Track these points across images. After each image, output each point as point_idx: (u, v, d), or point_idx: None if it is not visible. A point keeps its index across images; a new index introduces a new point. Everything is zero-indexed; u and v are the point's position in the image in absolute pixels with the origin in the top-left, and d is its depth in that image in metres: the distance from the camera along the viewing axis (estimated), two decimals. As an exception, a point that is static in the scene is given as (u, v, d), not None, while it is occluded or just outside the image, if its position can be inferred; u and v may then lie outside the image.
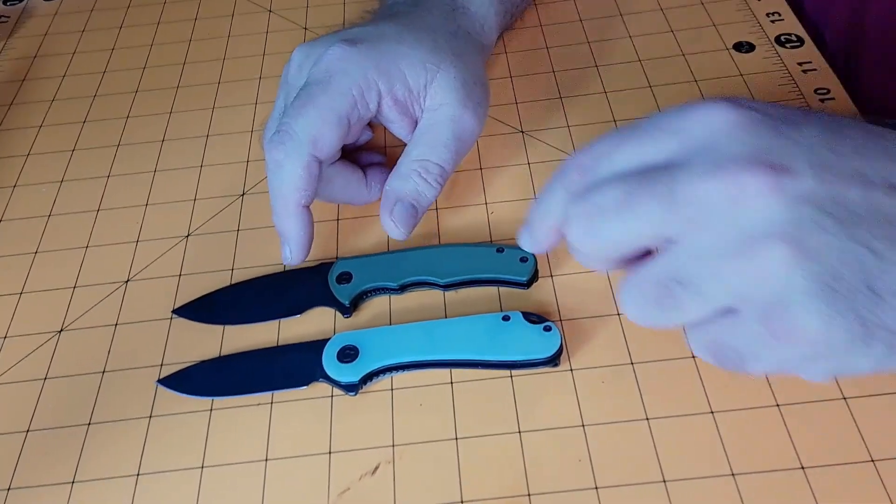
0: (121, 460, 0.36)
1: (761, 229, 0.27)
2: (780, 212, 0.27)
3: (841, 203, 0.27)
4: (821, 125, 0.30)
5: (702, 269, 0.28)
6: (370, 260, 0.41)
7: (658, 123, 0.31)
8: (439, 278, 0.40)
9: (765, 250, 0.27)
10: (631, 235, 0.30)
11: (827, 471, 0.33)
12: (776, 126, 0.29)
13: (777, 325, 0.27)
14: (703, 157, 0.29)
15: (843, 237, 0.27)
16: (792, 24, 0.53)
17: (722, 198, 0.27)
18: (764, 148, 0.28)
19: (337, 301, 0.40)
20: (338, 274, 0.40)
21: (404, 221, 0.41)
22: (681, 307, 0.29)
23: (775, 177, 0.27)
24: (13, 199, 0.48)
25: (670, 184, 0.28)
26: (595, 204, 0.30)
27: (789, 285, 0.27)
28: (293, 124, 0.38)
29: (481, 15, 0.47)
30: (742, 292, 0.28)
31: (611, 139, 0.32)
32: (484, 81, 0.44)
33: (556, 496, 0.33)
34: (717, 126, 0.29)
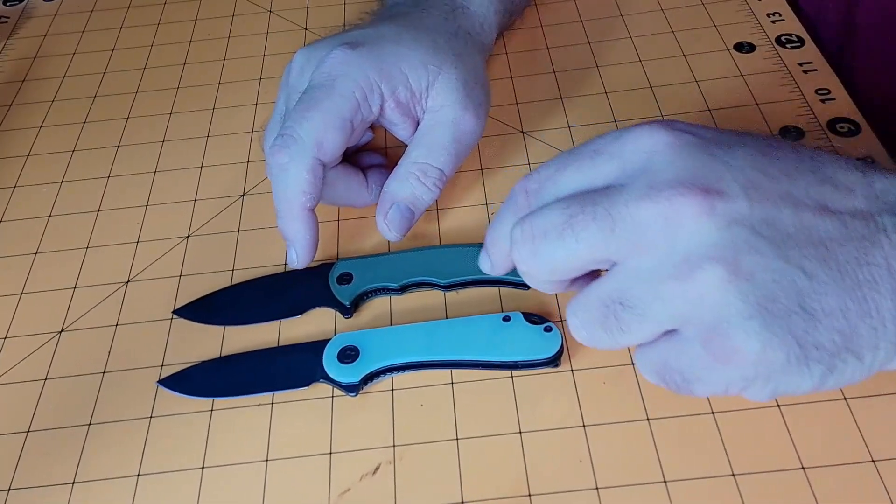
0: (121, 461, 0.36)
1: (697, 251, 0.28)
2: (713, 234, 0.28)
3: (772, 224, 0.28)
4: (752, 147, 0.30)
5: (643, 290, 0.29)
6: (371, 261, 0.41)
7: (598, 147, 0.32)
8: (440, 279, 0.40)
9: (701, 272, 0.27)
10: (573, 258, 0.30)
11: (827, 471, 0.33)
12: (708, 148, 0.30)
13: (716, 347, 0.28)
14: (640, 180, 0.29)
15: (776, 258, 0.27)
16: (792, 24, 0.53)
17: (658, 220, 0.28)
18: (697, 170, 0.29)
19: (338, 301, 0.40)
20: (338, 274, 0.40)
21: (399, 224, 0.41)
22: (624, 329, 0.29)
23: (708, 199, 0.28)
24: (13, 199, 0.48)
25: (608, 207, 0.29)
26: (537, 227, 0.31)
27: (725, 307, 0.27)
28: (297, 128, 0.38)
29: (481, 14, 0.47)
30: (682, 314, 0.28)
31: (554, 163, 0.33)
32: (484, 82, 0.44)
33: (557, 496, 0.33)
34: (653, 149, 0.30)
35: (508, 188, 0.44)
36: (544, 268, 0.31)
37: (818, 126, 0.46)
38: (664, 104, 0.48)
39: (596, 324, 0.30)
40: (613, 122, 0.48)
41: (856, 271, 0.28)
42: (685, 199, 0.28)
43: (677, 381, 0.30)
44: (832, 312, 0.27)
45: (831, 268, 0.28)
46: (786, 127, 0.46)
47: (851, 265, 0.28)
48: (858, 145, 0.44)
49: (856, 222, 0.29)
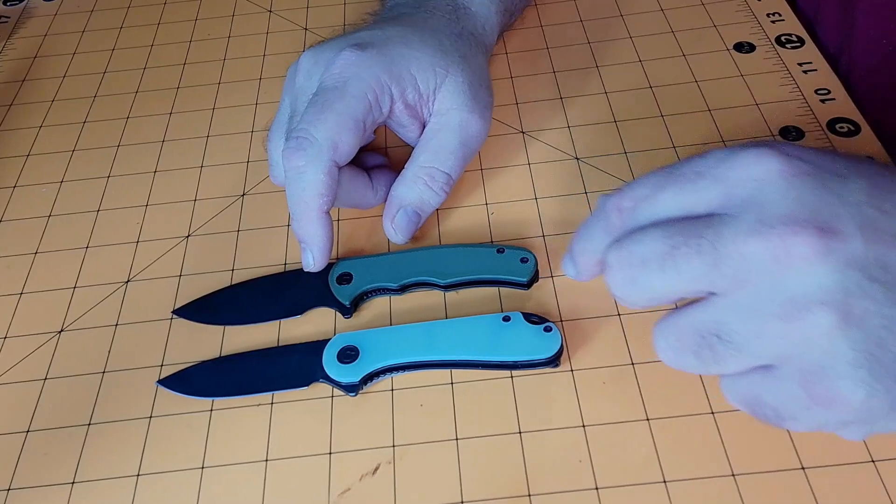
0: (121, 461, 0.36)
1: (807, 294, 0.26)
2: (827, 277, 0.26)
3: (887, 267, 0.27)
4: (867, 178, 0.29)
5: (743, 326, 0.28)
6: (370, 260, 0.41)
7: (701, 169, 0.30)
8: (440, 279, 0.40)
9: (810, 316, 0.26)
10: (672, 289, 0.29)
11: (827, 471, 0.33)
12: (823, 180, 0.28)
13: (818, 391, 0.27)
14: (749, 213, 0.28)
15: (889, 304, 0.26)
16: (792, 24, 0.53)
17: (768, 259, 0.27)
18: (811, 206, 0.27)
19: (337, 301, 0.40)
20: (338, 274, 0.40)
21: (405, 228, 0.41)
22: (718, 361, 0.28)
23: (823, 240, 0.26)
24: (13, 199, 0.48)
25: (714, 241, 0.28)
26: (636, 254, 0.30)
27: (833, 353, 0.26)
28: (312, 130, 0.38)
29: (482, 15, 0.47)
30: (783, 353, 0.27)
31: (651, 181, 0.31)
32: (489, 84, 0.44)
33: (557, 496, 0.33)
34: (763, 177, 0.28)
35: (508, 188, 0.45)
36: (641, 296, 0.30)
37: (818, 126, 0.46)
38: (664, 104, 0.48)
39: (688, 351, 0.29)
40: (614, 122, 0.48)
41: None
42: (799, 239, 0.26)
43: (769, 416, 0.29)
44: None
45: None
46: (786, 127, 0.46)
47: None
48: (858, 145, 0.44)
49: None
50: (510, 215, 0.44)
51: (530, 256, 0.40)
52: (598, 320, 0.38)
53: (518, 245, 0.41)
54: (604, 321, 0.38)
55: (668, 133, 0.47)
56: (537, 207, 0.44)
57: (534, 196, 0.44)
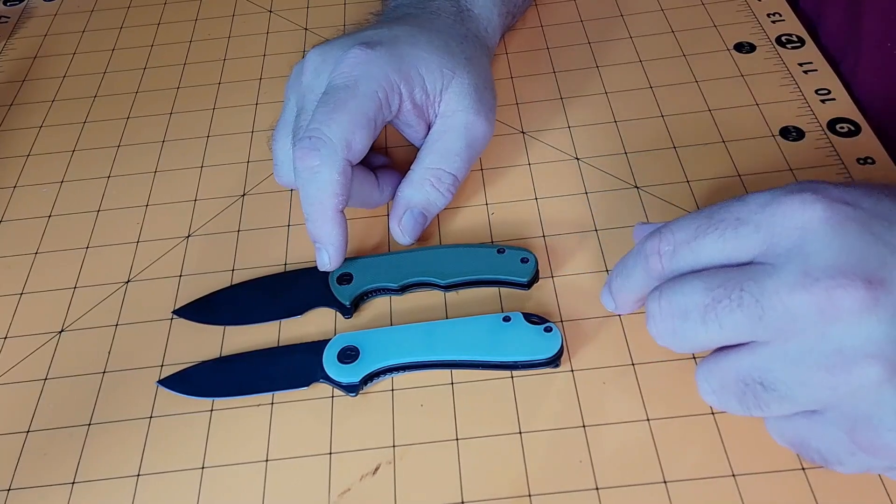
0: (121, 461, 0.36)
1: (855, 347, 0.26)
2: (875, 330, 0.26)
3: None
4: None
5: (789, 375, 0.28)
6: (371, 261, 0.41)
7: (741, 215, 0.30)
8: (440, 279, 0.40)
9: (857, 368, 0.26)
10: (715, 340, 0.29)
11: (827, 472, 0.32)
12: (870, 225, 0.28)
13: (864, 441, 0.27)
14: (793, 264, 0.27)
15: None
16: (792, 24, 0.53)
17: (814, 312, 0.27)
18: (857, 256, 0.27)
19: (338, 302, 0.40)
20: (338, 275, 0.40)
21: (412, 229, 0.42)
22: (762, 407, 0.29)
23: (871, 292, 0.26)
24: (13, 199, 0.48)
25: (757, 294, 0.27)
26: (677, 305, 0.30)
27: (880, 404, 0.26)
28: (326, 130, 0.38)
29: (485, 17, 0.47)
30: (829, 402, 0.27)
31: (691, 225, 0.31)
32: (493, 86, 0.45)
33: (557, 497, 0.33)
34: (806, 225, 0.28)
35: (509, 189, 0.45)
36: (684, 346, 0.30)
37: (818, 126, 0.46)
38: (664, 104, 0.48)
39: (731, 396, 0.29)
40: (614, 122, 0.48)
41: None
42: (845, 293, 0.26)
43: (815, 458, 0.29)
44: None
45: None
46: (786, 127, 0.46)
47: None
48: (858, 146, 0.44)
49: None
50: (510, 215, 0.44)
51: (530, 256, 0.40)
52: (598, 321, 0.38)
53: (518, 245, 0.41)
54: (604, 321, 0.38)
55: (668, 133, 0.47)
56: (537, 207, 0.44)
57: (534, 196, 0.44)
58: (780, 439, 0.30)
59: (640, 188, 0.44)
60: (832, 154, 0.44)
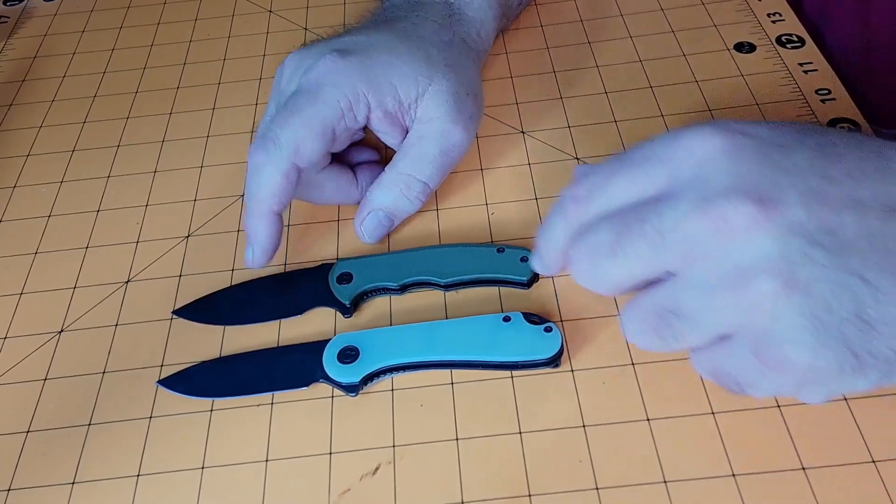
0: (121, 461, 0.36)
1: (750, 263, 0.27)
2: (767, 246, 0.27)
3: (832, 232, 0.27)
4: (813, 148, 0.29)
5: (695, 301, 0.29)
6: (371, 260, 0.41)
7: (647, 153, 0.31)
8: (440, 278, 0.40)
9: (754, 284, 0.27)
10: (629, 274, 0.30)
11: (827, 472, 0.33)
12: (765, 152, 0.29)
13: (767, 357, 0.28)
14: (691, 191, 0.29)
15: (834, 268, 0.27)
16: (793, 24, 0.53)
17: (710, 233, 0.28)
18: (751, 178, 0.28)
19: (337, 301, 0.40)
20: (338, 274, 0.40)
21: (374, 231, 0.42)
22: (678, 337, 0.30)
23: (762, 210, 0.27)
24: (13, 199, 0.48)
25: (657, 223, 0.29)
26: (590, 244, 0.31)
27: (778, 318, 0.27)
28: (278, 132, 0.39)
29: (479, 20, 0.47)
30: (734, 323, 0.28)
31: (604, 169, 0.32)
32: (477, 91, 0.44)
33: (557, 497, 0.33)
34: (704, 154, 0.29)
35: (508, 188, 0.45)
36: (602, 284, 0.31)
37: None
38: (664, 104, 0.48)
39: (650, 331, 0.30)
40: (613, 122, 0.48)
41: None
42: (738, 210, 0.27)
43: (731, 385, 0.30)
44: (891, 321, 0.27)
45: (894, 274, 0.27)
46: (786, 127, 0.46)
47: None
48: (858, 145, 0.44)
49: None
50: (510, 215, 0.44)
51: (530, 256, 0.40)
52: (598, 320, 0.38)
53: (518, 245, 0.41)
54: (604, 321, 0.38)
55: (668, 133, 0.47)
56: (537, 207, 0.44)
57: (534, 196, 0.44)
58: (702, 370, 0.31)
59: (640, 188, 0.44)
60: (832, 154, 0.44)
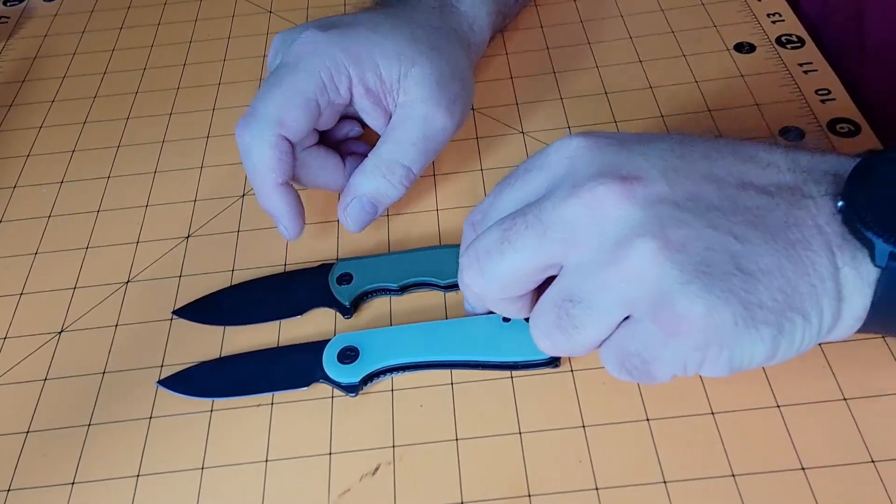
0: (121, 461, 0.36)
1: (625, 233, 0.29)
2: (637, 214, 0.29)
3: (695, 198, 0.29)
4: (671, 140, 0.32)
5: (586, 283, 0.29)
6: (371, 261, 0.41)
7: (528, 165, 0.33)
8: (440, 279, 0.40)
9: (633, 250, 0.28)
10: (517, 269, 0.31)
11: (827, 472, 0.33)
12: (627, 144, 0.32)
13: (664, 320, 0.28)
14: (564, 183, 0.31)
15: (704, 227, 0.28)
16: (793, 24, 0.53)
17: (584, 214, 0.29)
18: (614, 163, 0.30)
19: (337, 302, 0.40)
20: (338, 275, 0.40)
21: (358, 218, 0.41)
22: (578, 325, 0.30)
23: (627, 185, 0.29)
24: (13, 199, 0.48)
25: (538, 213, 0.30)
26: (480, 248, 0.32)
27: (663, 278, 0.28)
28: (259, 105, 0.39)
29: (471, 15, 0.47)
30: (627, 297, 0.29)
31: (493, 191, 0.34)
32: (463, 77, 0.44)
33: (557, 497, 0.33)
34: (573, 153, 0.32)
35: (508, 188, 0.45)
36: (494, 285, 0.32)
37: (818, 126, 0.46)
38: (664, 104, 0.48)
39: (552, 326, 0.30)
40: (614, 122, 0.48)
41: (786, 232, 0.29)
42: (605, 188, 0.29)
43: (637, 365, 0.30)
44: (769, 271, 0.28)
45: (761, 231, 0.29)
46: (786, 127, 0.46)
47: (780, 227, 0.29)
48: (858, 146, 0.44)
49: (782, 192, 0.30)
50: (510, 215, 0.43)
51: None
52: (598, 320, 0.38)
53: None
54: (604, 321, 0.38)
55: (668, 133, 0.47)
56: (537, 207, 0.44)
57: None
58: (610, 363, 0.31)
59: (639, 188, 0.44)
60: (832, 154, 0.44)
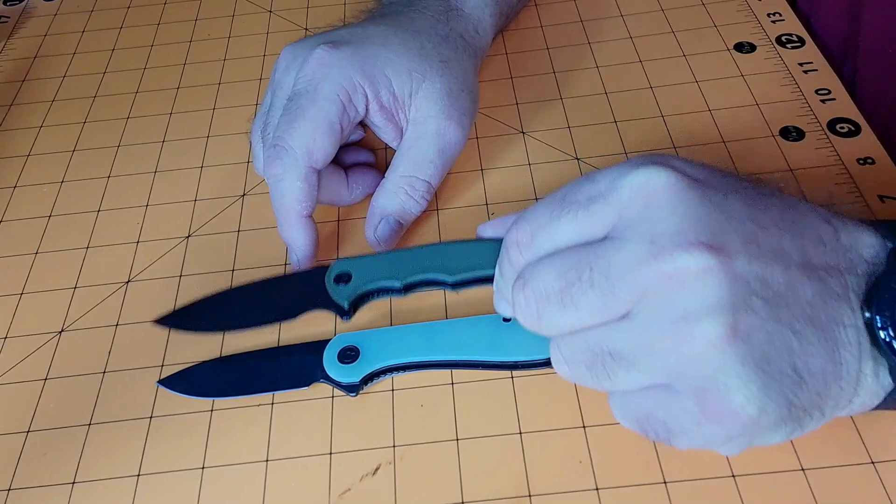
0: (121, 461, 0.36)
1: (697, 310, 0.27)
2: (716, 292, 0.27)
3: (767, 283, 0.27)
4: (743, 194, 0.29)
5: (636, 344, 0.28)
6: (371, 259, 0.39)
7: (591, 193, 0.30)
8: (448, 275, 0.37)
9: (699, 330, 0.26)
10: (576, 322, 0.29)
11: (827, 472, 0.33)
12: (707, 194, 0.29)
13: (710, 407, 0.27)
14: (638, 233, 0.28)
15: (769, 318, 0.27)
16: (793, 24, 0.53)
17: (661, 280, 0.27)
18: (699, 222, 0.28)
19: (335, 303, 0.38)
20: (336, 274, 0.38)
21: (388, 238, 0.42)
22: (612, 377, 0.29)
23: (713, 256, 0.27)
24: (14, 199, 0.48)
25: (606, 272, 0.28)
26: (536, 290, 0.29)
27: (724, 369, 0.26)
28: (288, 139, 0.39)
29: (475, 17, 0.47)
30: (675, 370, 0.27)
31: (546, 210, 0.31)
32: (472, 88, 0.44)
33: (557, 497, 0.33)
34: (650, 194, 0.28)
35: (508, 188, 0.45)
36: (551, 330, 0.30)
37: (818, 126, 0.46)
38: (664, 104, 0.48)
39: (581, 365, 0.29)
40: (614, 122, 0.48)
41: (835, 331, 0.28)
42: (690, 259, 0.27)
43: (658, 431, 0.29)
44: (816, 374, 0.27)
45: (816, 327, 0.27)
46: (786, 127, 0.46)
47: (831, 325, 0.28)
48: (858, 146, 0.44)
49: (832, 280, 0.28)
50: (510, 215, 0.44)
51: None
52: (598, 320, 0.38)
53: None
54: (604, 321, 0.38)
55: (668, 133, 0.47)
56: (537, 207, 0.44)
57: (534, 196, 0.44)
58: (625, 414, 0.30)
59: (640, 188, 0.44)
60: (832, 154, 0.44)
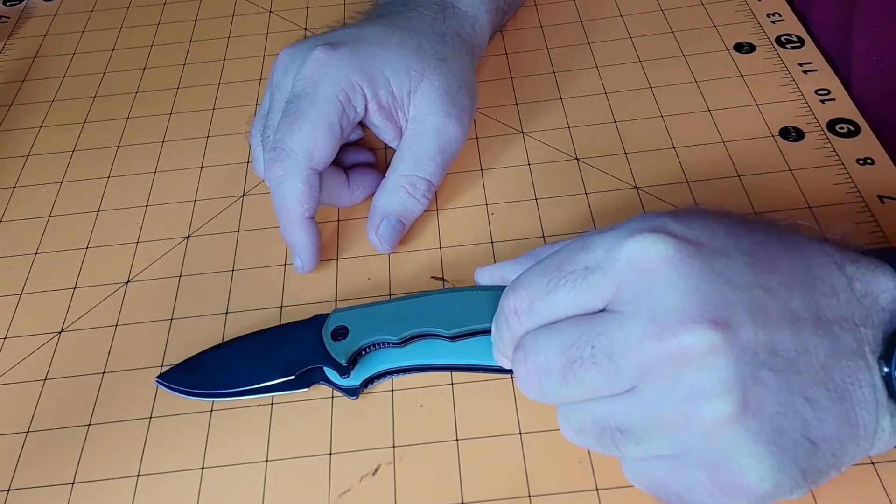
0: (121, 461, 0.36)
1: (705, 389, 0.26)
2: (723, 370, 0.26)
3: (776, 351, 0.27)
4: (749, 253, 0.29)
5: (644, 420, 0.28)
6: (367, 311, 0.37)
7: (590, 263, 0.29)
8: (446, 328, 0.35)
9: (708, 408, 0.26)
10: (579, 396, 0.29)
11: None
12: (710, 262, 0.28)
13: (724, 482, 0.27)
14: (641, 311, 0.27)
15: (781, 390, 0.27)
16: (792, 24, 0.53)
17: (665, 359, 0.27)
18: (703, 297, 0.27)
19: (333, 360, 0.36)
20: (333, 329, 0.36)
21: (390, 238, 0.42)
22: (621, 449, 0.29)
23: (718, 334, 0.26)
24: (13, 199, 0.48)
25: (608, 350, 0.28)
26: (538, 364, 0.29)
27: (735, 446, 0.26)
28: (288, 141, 0.39)
29: (472, 15, 0.47)
30: (685, 444, 0.27)
31: (543, 279, 0.30)
32: (470, 85, 0.44)
33: (557, 497, 0.33)
34: (650, 267, 0.28)
35: (508, 188, 0.45)
36: (555, 401, 0.30)
37: (818, 126, 0.46)
38: (664, 104, 0.48)
39: (590, 436, 0.29)
40: (613, 122, 0.48)
41: (850, 392, 0.27)
42: (694, 338, 0.26)
43: (672, 500, 0.29)
44: (830, 439, 0.27)
45: (830, 390, 0.27)
46: (786, 127, 0.46)
47: (846, 386, 0.27)
48: (858, 146, 0.44)
49: (845, 336, 0.28)
50: (510, 215, 0.44)
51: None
52: (598, 321, 0.38)
53: (518, 244, 0.41)
54: (604, 321, 0.38)
55: (668, 133, 0.47)
56: (537, 207, 0.44)
57: (534, 196, 0.44)
58: (638, 482, 0.30)
59: (639, 189, 0.44)
60: (832, 154, 0.44)
